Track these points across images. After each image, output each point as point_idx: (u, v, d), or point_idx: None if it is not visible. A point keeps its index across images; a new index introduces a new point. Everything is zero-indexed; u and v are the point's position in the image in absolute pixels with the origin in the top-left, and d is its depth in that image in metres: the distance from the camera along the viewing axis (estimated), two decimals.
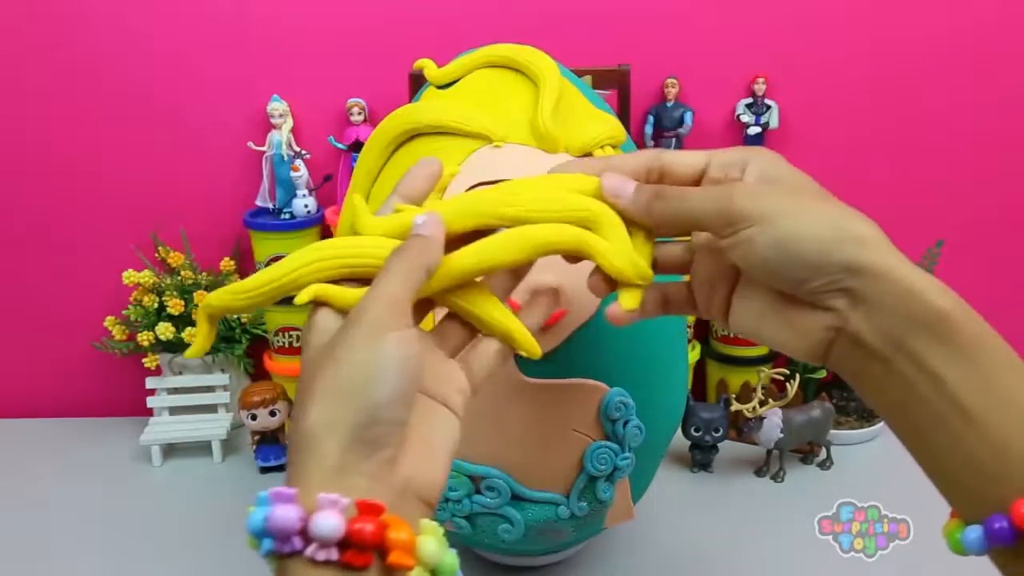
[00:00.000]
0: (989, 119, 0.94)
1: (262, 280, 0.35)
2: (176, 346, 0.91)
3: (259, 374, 0.98)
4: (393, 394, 0.30)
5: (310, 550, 0.27)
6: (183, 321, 0.91)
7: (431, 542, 0.29)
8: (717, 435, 0.81)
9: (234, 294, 0.36)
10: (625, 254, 0.36)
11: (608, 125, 0.56)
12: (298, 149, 0.93)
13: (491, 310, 0.37)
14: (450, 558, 0.29)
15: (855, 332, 0.32)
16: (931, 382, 0.30)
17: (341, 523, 0.27)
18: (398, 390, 0.30)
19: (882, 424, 0.89)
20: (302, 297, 0.34)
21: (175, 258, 0.94)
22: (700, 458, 0.84)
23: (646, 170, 0.38)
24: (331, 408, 0.29)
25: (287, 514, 0.27)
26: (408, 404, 0.31)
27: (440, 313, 0.39)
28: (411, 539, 0.28)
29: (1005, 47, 0.92)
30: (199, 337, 0.37)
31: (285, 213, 0.93)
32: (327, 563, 0.27)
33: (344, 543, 0.27)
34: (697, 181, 0.37)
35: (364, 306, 0.31)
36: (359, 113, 0.93)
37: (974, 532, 0.29)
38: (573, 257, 0.37)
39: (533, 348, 0.38)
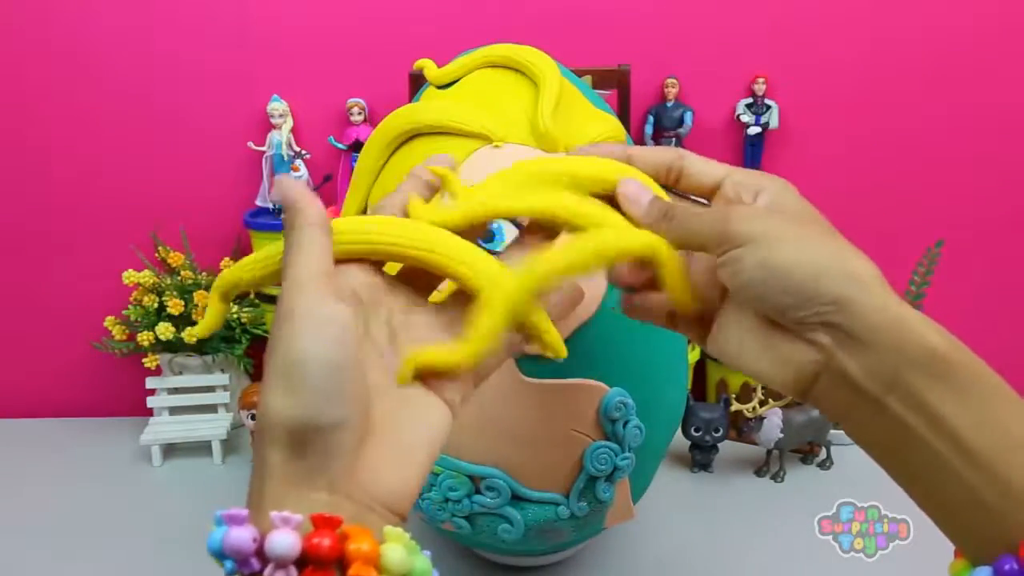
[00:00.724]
0: (989, 119, 0.94)
1: (278, 249, 0.33)
2: (176, 346, 0.91)
3: (259, 374, 0.98)
4: (323, 387, 0.28)
5: (268, 571, 0.26)
6: (183, 321, 0.91)
7: (396, 549, 0.28)
8: (717, 435, 0.81)
9: (243, 267, 0.35)
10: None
11: (608, 125, 0.56)
12: (298, 149, 0.93)
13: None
14: (422, 562, 0.28)
15: (841, 370, 0.30)
16: (929, 421, 0.29)
17: (296, 541, 0.26)
18: (326, 384, 0.28)
19: None
20: (404, 375, 0.31)
21: (175, 258, 0.94)
22: (700, 458, 0.84)
23: (667, 168, 0.37)
24: (276, 402, 0.28)
25: (240, 535, 0.26)
26: (342, 401, 0.29)
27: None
28: (373, 549, 0.27)
29: (1005, 47, 0.92)
30: (211, 315, 0.35)
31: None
32: None
33: (302, 560, 0.26)
34: (712, 191, 0.37)
35: (283, 288, 0.31)
36: (359, 113, 0.93)
37: (983, 573, 0.28)
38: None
39: (560, 349, 0.36)
